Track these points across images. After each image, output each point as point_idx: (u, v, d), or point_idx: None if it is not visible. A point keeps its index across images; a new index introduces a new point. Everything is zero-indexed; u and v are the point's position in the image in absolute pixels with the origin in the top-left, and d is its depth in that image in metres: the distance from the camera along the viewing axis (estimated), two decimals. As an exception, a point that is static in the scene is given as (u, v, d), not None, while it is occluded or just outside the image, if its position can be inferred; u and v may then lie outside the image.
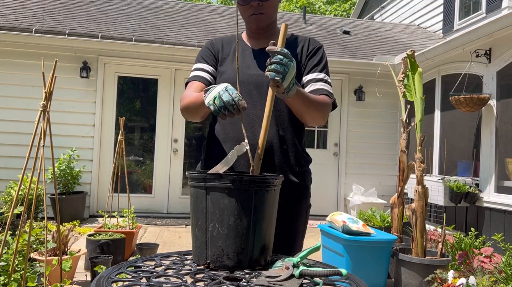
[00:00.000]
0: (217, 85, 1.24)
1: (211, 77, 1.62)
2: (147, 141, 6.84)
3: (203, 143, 1.73)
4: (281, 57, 1.23)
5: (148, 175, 6.77)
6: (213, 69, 1.64)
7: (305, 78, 1.60)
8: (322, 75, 1.60)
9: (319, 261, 1.29)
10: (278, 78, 1.22)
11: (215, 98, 1.20)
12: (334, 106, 1.63)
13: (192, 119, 1.57)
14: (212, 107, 1.20)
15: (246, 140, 1.22)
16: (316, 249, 1.17)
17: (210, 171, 1.22)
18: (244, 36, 1.73)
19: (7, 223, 2.20)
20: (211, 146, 1.64)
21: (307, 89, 1.57)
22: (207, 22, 8.14)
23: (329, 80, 1.62)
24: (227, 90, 1.19)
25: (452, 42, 5.54)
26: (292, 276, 1.05)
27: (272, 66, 1.23)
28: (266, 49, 1.25)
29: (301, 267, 1.07)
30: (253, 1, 1.54)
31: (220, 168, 1.21)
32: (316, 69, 1.60)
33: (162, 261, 1.22)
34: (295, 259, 1.11)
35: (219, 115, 1.20)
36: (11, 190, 5.13)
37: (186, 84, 1.65)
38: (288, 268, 1.07)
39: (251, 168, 1.24)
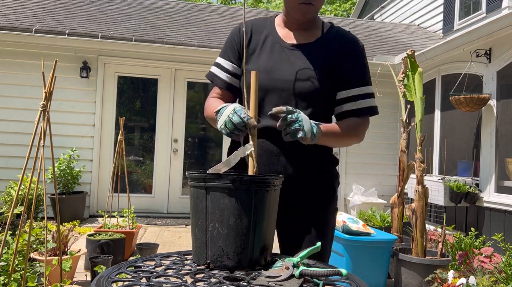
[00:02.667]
0: (227, 107, 1.24)
1: (231, 77, 1.52)
2: (147, 141, 6.84)
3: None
4: (290, 115, 1.23)
5: (148, 175, 6.77)
6: (235, 65, 1.52)
7: (347, 93, 1.47)
8: (363, 90, 1.48)
9: (319, 261, 1.29)
10: (300, 135, 1.23)
11: (225, 122, 1.21)
12: (375, 113, 1.54)
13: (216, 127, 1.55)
14: (224, 131, 1.22)
15: (251, 142, 1.22)
16: (316, 249, 1.17)
17: (211, 170, 1.22)
18: (277, 20, 1.55)
19: (7, 223, 2.20)
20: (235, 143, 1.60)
21: (347, 107, 1.47)
22: (207, 22, 8.14)
23: (371, 91, 1.50)
24: (235, 112, 1.20)
25: (452, 42, 5.54)
26: (292, 276, 1.05)
27: (288, 129, 1.23)
28: (270, 113, 1.24)
29: (301, 267, 1.07)
30: None
31: (221, 167, 1.21)
32: (357, 82, 1.47)
33: (162, 261, 1.22)
34: (295, 259, 1.11)
35: (233, 136, 1.23)
36: (11, 190, 5.13)
37: (208, 77, 1.58)
38: (288, 268, 1.07)
39: (254, 169, 1.23)
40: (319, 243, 1.21)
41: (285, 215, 1.43)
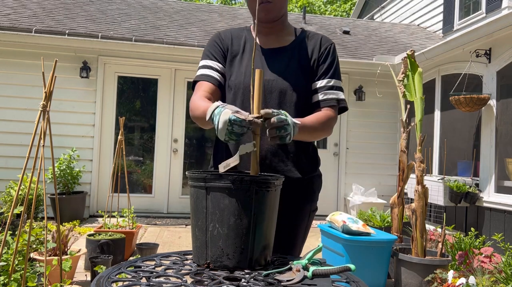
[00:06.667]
0: (218, 115, 1.18)
1: (220, 76, 1.57)
2: (147, 141, 6.84)
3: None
4: (280, 119, 1.21)
5: (148, 175, 6.77)
6: (222, 66, 1.59)
7: (316, 84, 1.57)
8: (332, 82, 1.57)
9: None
10: (288, 140, 1.23)
11: (228, 135, 1.16)
12: (344, 109, 1.61)
13: (205, 128, 1.52)
14: (232, 142, 1.19)
15: (254, 142, 1.21)
16: (319, 250, 1.18)
17: (223, 164, 1.22)
18: (252, 29, 1.66)
19: (7, 223, 2.20)
20: (219, 145, 1.62)
21: (317, 98, 1.55)
22: (207, 22, 8.14)
23: (339, 84, 1.59)
24: (233, 123, 1.14)
25: (452, 42, 5.54)
26: (305, 277, 1.06)
27: (279, 133, 1.21)
28: (262, 114, 1.19)
29: (314, 267, 1.08)
30: None
31: (231, 162, 1.21)
32: (327, 75, 1.57)
33: (162, 261, 1.22)
34: (303, 261, 1.12)
35: (241, 140, 1.22)
36: (11, 190, 5.13)
37: (194, 83, 1.59)
38: (299, 271, 1.08)
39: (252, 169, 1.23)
40: (320, 245, 1.21)
41: None
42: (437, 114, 6.18)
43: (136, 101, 6.96)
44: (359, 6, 12.58)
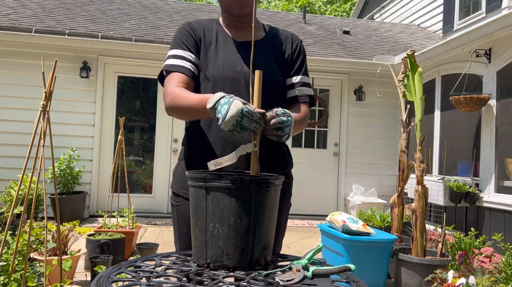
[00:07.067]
0: (227, 104, 1.16)
1: (194, 67, 1.52)
2: (147, 141, 6.84)
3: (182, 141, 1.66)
4: (285, 119, 1.23)
5: (148, 175, 6.77)
6: (195, 57, 1.54)
7: (291, 80, 1.62)
8: (305, 79, 1.64)
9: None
10: (285, 139, 1.26)
11: (234, 125, 1.16)
12: (311, 105, 1.67)
13: (181, 119, 1.50)
14: (235, 132, 1.19)
15: (254, 142, 1.21)
16: (319, 250, 1.18)
17: (212, 162, 1.22)
18: (221, 22, 1.64)
19: (7, 223, 2.20)
20: (194, 144, 1.57)
21: (293, 93, 1.61)
22: (207, 22, 8.13)
23: (309, 81, 1.67)
24: (244, 115, 1.14)
25: (452, 42, 5.54)
26: (305, 277, 1.07)
27: (279, 132, 1.23)
28: (268, 115, 1.20)
29: (314, 267, 1.08)
30: None
31: (223, 161, 1.21)
32: (300, 71, 1.64)
33: (162, 261, 1.22)
34: (303, 261, 1.12)
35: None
36: (11, 190, 5.13)
37: (162, 73, 1.54)
38: (299, 270, 1.08)
39: (255, 168, 1.23)
40: (320, 245, 1.21)
41: None
42: (437, 114, 6.18)
43: (136, 101, 6.96)
44: (359, 6, 12.59)
